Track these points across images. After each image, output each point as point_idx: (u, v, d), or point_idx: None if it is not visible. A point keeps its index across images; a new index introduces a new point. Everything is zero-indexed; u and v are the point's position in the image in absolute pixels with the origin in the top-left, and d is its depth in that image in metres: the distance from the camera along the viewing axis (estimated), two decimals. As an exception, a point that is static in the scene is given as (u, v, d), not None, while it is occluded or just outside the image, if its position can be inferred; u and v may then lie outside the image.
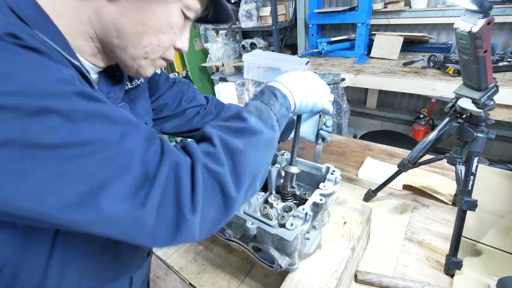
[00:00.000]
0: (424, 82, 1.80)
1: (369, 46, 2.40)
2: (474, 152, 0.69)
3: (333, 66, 2.28)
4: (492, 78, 0.67)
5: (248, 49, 2.94)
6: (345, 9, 2.27)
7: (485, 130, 0.70)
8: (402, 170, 0.88)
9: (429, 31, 2.41)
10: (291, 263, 0.61)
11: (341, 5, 2.64)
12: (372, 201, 0.99)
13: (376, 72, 2.01)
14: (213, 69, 3.58)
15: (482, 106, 0.67)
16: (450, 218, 0.89)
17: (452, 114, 0.76)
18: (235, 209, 0.41)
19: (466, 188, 0.70)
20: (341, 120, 2.10)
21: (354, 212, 0.76)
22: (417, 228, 0.88)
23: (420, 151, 0.82)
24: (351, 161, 1.22)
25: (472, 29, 0.57)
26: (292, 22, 2.75)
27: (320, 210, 0.65)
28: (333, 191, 0.66)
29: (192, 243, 0.91)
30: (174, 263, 0.85)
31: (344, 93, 2.08)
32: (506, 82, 1.59)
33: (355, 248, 0.68)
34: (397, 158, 1.19)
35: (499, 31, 2.12)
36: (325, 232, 0.71)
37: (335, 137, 1.42)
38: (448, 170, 1.08)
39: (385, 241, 0.84)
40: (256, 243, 0.63)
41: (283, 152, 0.79)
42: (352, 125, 3.08)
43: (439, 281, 0.73)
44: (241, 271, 0.80)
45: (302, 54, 2.58)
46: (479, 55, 0.60)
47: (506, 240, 0.81)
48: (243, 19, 2.74)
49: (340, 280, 0.61)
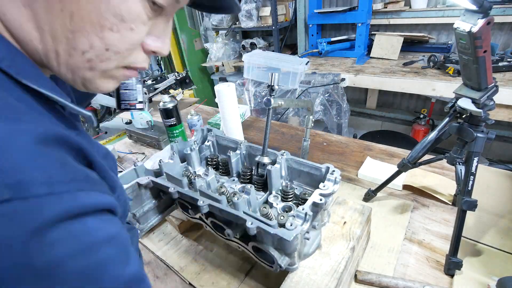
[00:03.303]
0: (424, 82, 1.80)
1: (369, 46, 2.41)
2: (474, 152, 0.69)
3: (333, 66, 2.28)
4: (492, 78, 0.67)
5: (248, 49, 2.94)
6: (345, 9, 2.27)
7: (485, 130, 0.70)
8: (402, 170, 0.88)
9: (429, 31, 2.41)
10: (291, 263, 0.61)
11: (341, 5, 2.64)
12: (372, 201, 0.99)
13: (376, 72, 2.01)
14: (213, 69, 3.58)
15: (482, 106, 0.67)
16: (450, 218, 0.89)
17: (452, 114, 0.76)
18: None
19: (466, 188, 0.70)
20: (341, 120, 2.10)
21: (354, 212, 0.76)
22: (417, 228, 0.88)
23: (420, 151, 0.82)
24: (351, 161, 1.22)
25: (472, 29, 0.57)
26: (292, 22, 2.75)
27: (320, 210, 0.65)
28: (332, 191, 0.66)
29: (192, 243, 0.91)
30: (174, 263, 0.85)
31: (344, 93, 2.08)
32: (506, 82, 1.59)
33: (355, 248, 0.68)
34: (397, 158, 1.19)
35: (499, 31, 2.12)
36: (325, 232, 0.71)
37: (335, 137, 1.42)
38: (448, 170, 1.08)
39: (385, 241, 0.84)
40: (256, 243, 0.63)
41: (283, 152, 0.79)
42: (352, 125, 3.08)
43: (439, 281, 0.73)
44: (241, 271, 0.80)
45: (302, 54, 2.58)
46: (479, 55, 0.60)
47: (506, 240, 0.81)
48: (243, 19, 2.75)
49: (340, 280, 0.61)
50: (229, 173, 0.87)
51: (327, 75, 2.05)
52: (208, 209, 0.66)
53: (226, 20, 2.99)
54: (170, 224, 0.98)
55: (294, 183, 0.81)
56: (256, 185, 0.79)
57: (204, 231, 0.94)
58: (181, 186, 0.73)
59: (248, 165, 0.86)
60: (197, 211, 0.75)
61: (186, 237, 0.94)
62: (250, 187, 0.69)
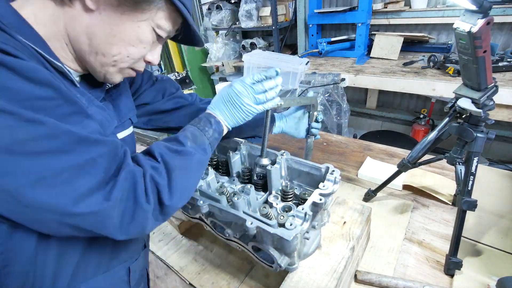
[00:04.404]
0: (424, 82, 1.80)
1: (369, 46, 2.40)
2: (474, 152, 0.69)
3: (333, 66, 2.28)
4: (492, 78, 0.67)
5: (248, 49, 2.94)
6: (345, 9, 2.27)
7: (485, 130, 0.70)
8: (402, 170, 0.88)
9: (429, 31, 2.41)
10: (291, 262, 0.61)
11: (341, 5, 2.64)
12: (372, 201, 0.99)
13: (376, 72, 2.01)
14: (213, 69, 3.58)
15: (481, 106, 0.67)
16: (450, 218, 0.89)
17: (452, 114, 0.76)
18: (169, 215, 0.51)
19: (466, 188, 0.70)
20: (341, 120, 2.10)
21: (353, 212, 0.76)
22: (417, 228, 0.88)
23: (420, 151, 0.82)
24: (351, 161, 1.22)
25: (472, 29, 0.57)
26: (292, 22, 2.75)
27: (319, 210, 0.65)
28: (332, 191, 0.66)
29: (192, 243, 0.91)
30: (174, 263, 0.85)
31: (344, 93, 2.07)
32: (506, 82, 1.59)
33: (354, 248, 0.68)
34: (397, 158, 1.19)
35: (499, 31, 2.12)
36: (324, 232, 0.71)
37: (335, 137, 1.42)
38: (448, 170, 1.08)
39: (385, 241, 0.84)
40: (256, 243, 0.63)
41: (283, 152, 0.79)
42: (352, 125, 3.08)
43: (439, 281, 0.73)
44: (241, 271, 0.80)
45: (302, 54, 2.58)
46: (479, 55, 0.60)
47: (506, 240, 0.81)
48: (243, 19, 2.74)
49: (340, 280, 0.61)
50: (229, 173, 0.87)
51: (327, 75, 2.05)
52: (208, 209, 0.66)
53: (226, 20, 2.99)
54: (170, 224, 0.98)
55: (294, 183, 0.81)
56: (256, 185, 0.79)
57: (204, 231, 0.94)
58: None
59: (248, 165, 0.86)
60: (197, 211, 0.75)
61: (186, 237, 0.94)
62: (250, 187, 0.70)
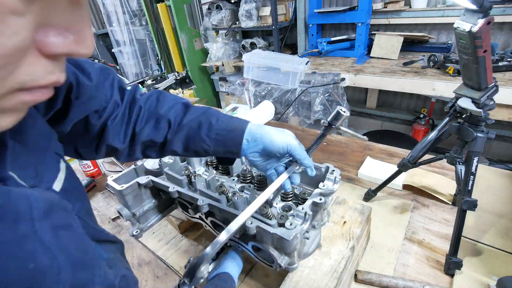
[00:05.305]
0: (424, 82, 1.80)
1: (369, 46, 2.40)
2: (474, 152, 0.69)
3: (333, 66, 2.28)
4: (492, 78, 0.67)
5: (248, 49, 2.94)
6: (345, 9, 2.27)
7: (485, 130, 0.70)
8: (402, 170, 0.88)
9: (429, 31, 2.41)
10: (291, 262, 0.61)
11: (341, 5, 2.64)
12: (372, 201, 0.99)
13: (376, 72, 2.01)
14: (213, 69, 3.58)
15: (482, 106, 0.67)
16: (450, 218, 0.89)
17: (452, 114, 0.76)
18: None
19: (466, 188, 0.70)
20: (341, 120, 2.10)
21: (353, 211, 0.76)
22: (417, 228, 0.88)
23: (420, 151, 0.82)
24: (351, 161, 1.22)
25: (472, 29, 0.56)
26: (292, 22, 2.75)
27: (319, 210, 0.65)
28: (332, 190, 0.66)
29: (192, 243, 0.91)
30: (174, 263, 0.85)
31: (344, 93, 2.08)
32: (506, 82, 1.59)
33: (354, 247, 0.68)
34: (397, 158, 1.19)
35: (499, 31, 2.12)
36: (324, 232, 0.71)
37: (335, 137, 1.42)
38: (448, 170, 1.08)
39: (385, 241, 0.84)
40: (256, 243, 0.63)
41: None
42: (352, 125, 3.08)
43: (439, 281, 0.73)
44: (241, 271, 0.80)
45: (302, 54, 2.58)
46: (479, 55, 0.60)
47: (506, 240, 0.81)
48: (243, 18, 2.74)
49: (340, 280, 0.61)
50: (229, 172, 0.87)
51: (327, 75, 2.05)
52: (208, 209, 0.66)
53: (226, 20, 2.99)
54: (170, 224, 0.98)
55: (294, 183, 0.81)
56: (256, 185, 0.79)
57: (204, 231, 0.94)
58: (181, 185, 0.73)
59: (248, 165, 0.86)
60: (197, 211, 0.75)
61: (186, 237, 0.94)
62: (250, 187, 0.69)
